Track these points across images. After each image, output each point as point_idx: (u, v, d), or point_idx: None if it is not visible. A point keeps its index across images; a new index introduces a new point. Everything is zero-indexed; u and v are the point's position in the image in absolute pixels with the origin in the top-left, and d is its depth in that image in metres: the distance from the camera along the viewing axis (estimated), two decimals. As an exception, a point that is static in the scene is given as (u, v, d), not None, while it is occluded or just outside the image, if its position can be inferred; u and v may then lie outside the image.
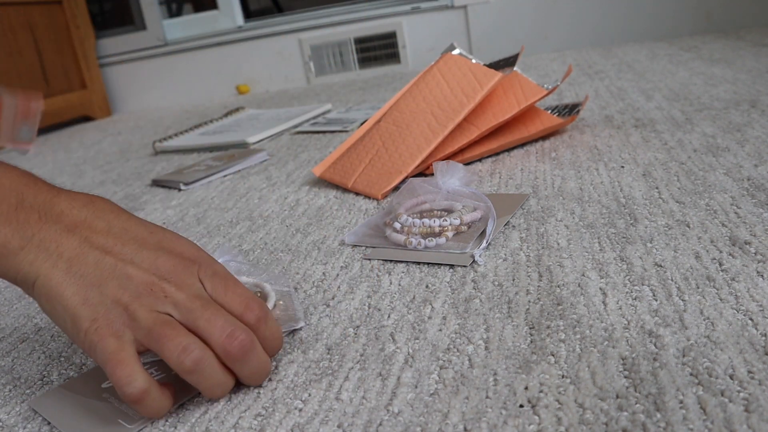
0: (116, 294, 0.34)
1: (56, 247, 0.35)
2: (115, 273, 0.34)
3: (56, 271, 0.34)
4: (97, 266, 0.35)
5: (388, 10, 1.88)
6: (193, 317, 0.34)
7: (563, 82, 0.84)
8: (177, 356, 0.33)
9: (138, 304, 0.34)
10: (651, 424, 0.28)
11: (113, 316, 0.33)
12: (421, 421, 0.31)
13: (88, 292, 0.34)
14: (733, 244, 0.43)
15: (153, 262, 0.35)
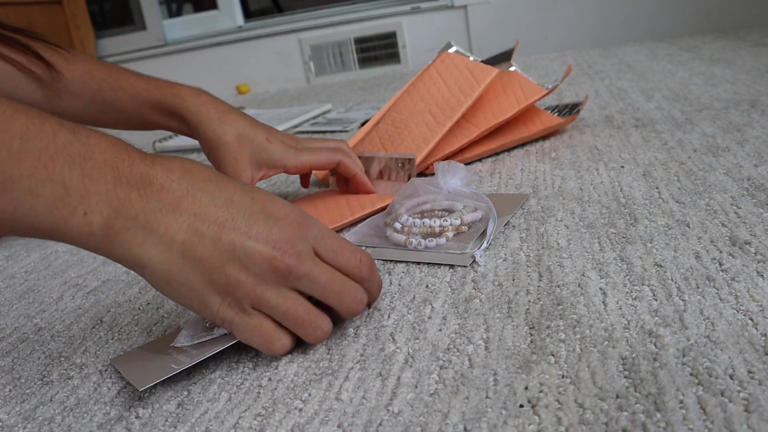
0: (239, 275, 0.34)
1: (165, 229, 0.34)
2: (234, 252, 0.34)
3: (171, 255, 0.34)
4: (214, 247, 0.34)
5: (388, 10, 1.88)
6: (319, 289, 0.36)
7: (563, 81, 0.84)
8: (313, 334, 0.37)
9: (264, 286, 0.35)
10: (651, 424, 0.28)
11: (241, 295, 0.35)
12: (421, 421, 0.31)
13: (212, 275, 0.34)
14: (733, 244, 0.43)
15: (268, 234, 0.35)
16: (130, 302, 0.51)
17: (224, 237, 0.34)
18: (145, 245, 0.33)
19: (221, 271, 0.34)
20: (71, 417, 0.36)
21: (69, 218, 0.32)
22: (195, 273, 0.34)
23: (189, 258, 0.34)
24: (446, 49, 0.81)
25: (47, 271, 0.61)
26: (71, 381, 0.40)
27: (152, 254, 0.33)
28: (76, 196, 0.31)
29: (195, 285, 0.34)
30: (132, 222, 0.33)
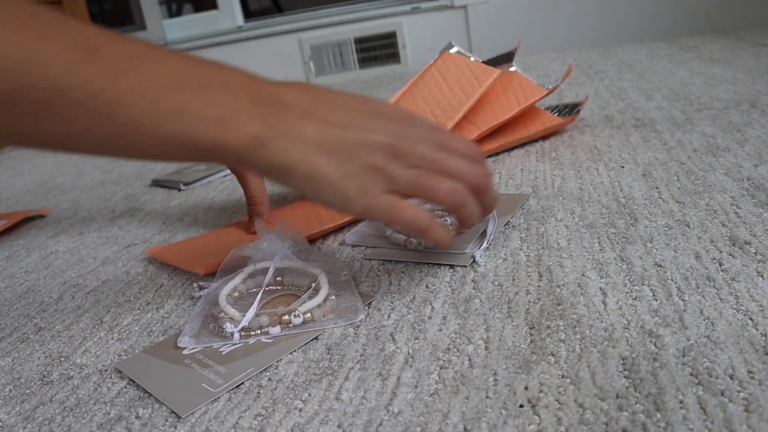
0: (370, 161, 0.38)
1: (300, 134, 0.37)
2: (361, 144, 0.38)
3: (310, 154, 0.37)
4: (342, 142, 0.38)
5: (388, 10, 1.88)
6: (441, 165, 0.40)
7: (563, 82, 0.84)
8: (448, 196, 0.40)
9: (393, 165, 0.39)
10: (651, 424, 0.28)
11: (375, 179, 0.38)
12: (421, 421, 0.31)
13: (346, 166, 0.38)
14: (733, 244, 0.43)
15: (385, 127, 0.40)
16: (130, 302, 0.51)
17: (348, 135, 0.39)
18: (287, 151, 0.37)
19: (352, 161, 0.38)
20: (71, 417, 0.36)
21: (227, 134, 0.36)
22: (332, 166, 0.38)
23: (324, 154, 0.38)
24: (447, 49, 0.81)
25: (47, 271, 0.61)
26: (71, 381, 0.40)
27: (294, 157, 0.37)
28: (230, 115, 0.36)
29: (333, 177, 0.38)
30: (274, 131, 0.37)
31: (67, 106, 0.32)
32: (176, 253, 0.57)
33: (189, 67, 0.36)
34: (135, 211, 0.78)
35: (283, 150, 0.37)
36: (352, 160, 0.38)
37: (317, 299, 0.42)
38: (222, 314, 0.43)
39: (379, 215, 0.39)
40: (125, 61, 0.34)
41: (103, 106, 0.33)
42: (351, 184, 0.38)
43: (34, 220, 0.82)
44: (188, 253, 0.57)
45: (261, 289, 0.44)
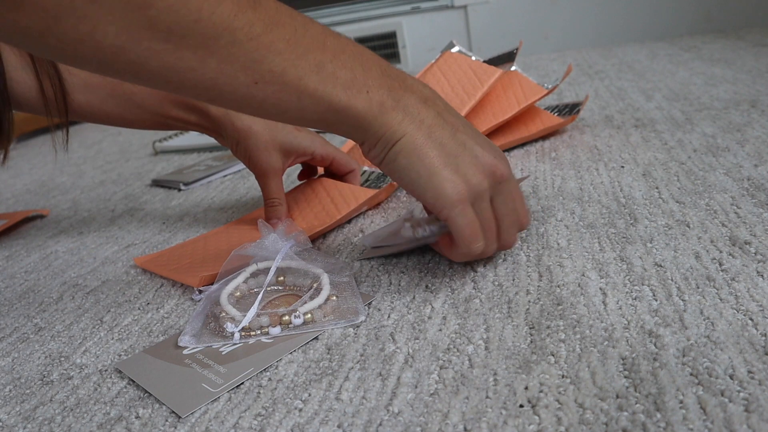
0: (470, 168, 0.40)
1: (418, 113, 0.40)
2: (467, 149, 0.41)
3: (420, 133, 0.40)
4: (453, 138, 0.41)
5: (388, 10, 1.88)
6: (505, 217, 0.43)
7: (563, 81, 0.84)
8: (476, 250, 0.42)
9: (484, 185, 0.41)
10: (651, 424, 0.28)
11: (470, 186, 0.40)
12: (421, 421, 0.31)
13: (448, 159, 0.40)
14: (733, 244, 0.43)
15: (489, 148, 0.42)
16: (130, 302, 0.51)
17: (459, 135, 0.41)
18: (403, 123, 0.40)
19: (455, 159, 0.40)
20: (71, 417, 0.36)
21: (357, 95, 0.39)
22: (435, 152, 0.40)
23: (432, 139, 0.40)
24: (449, 48, 0.81)
25: (47, 271, 0.61)
26: (71, 381, 0.40)
27: (408, 129, 0.40)
28: (361, 80, 0.39)
29: (433, 162, 0.40)
30: (397, 103, 0.40)
31: (230, 44, 0.35)
32: (165, 263, 0.56)
33: (327, 33, 0.39)
34: (135, 211, 0.78)
35: (399, 122, 0.40)
36: (455, 158, 0.40)
37: (318, 300, 0.42)
38: (223, 314, 0.43)
39: (459, 221, 0.40)
40: (280, 15, 0.37)
41: (258, 50, 0.35)
42: (447, 176, 0.40)
43: (34, 220, 0.82)
44: (177, 262, 0.56)
45: (262, 289, 0.44)
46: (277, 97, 0.38)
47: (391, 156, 0.41)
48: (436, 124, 0.41)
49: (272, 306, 0.44)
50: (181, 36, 0.33)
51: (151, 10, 0.32)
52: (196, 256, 0.56)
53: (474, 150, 0.41)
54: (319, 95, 0.38)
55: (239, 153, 0.60)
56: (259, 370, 0.38)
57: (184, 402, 0.36)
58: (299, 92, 0.38)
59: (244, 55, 0.35)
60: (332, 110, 0.39)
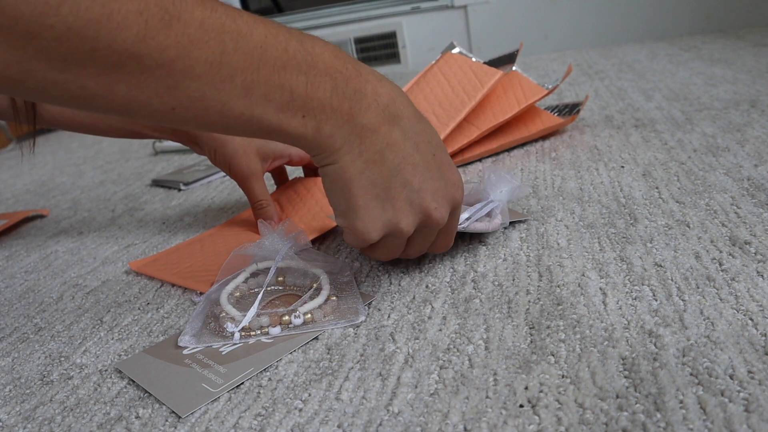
0: (398, 211, 0.40)
1: (360, 144, 0.38)
2: (405, 190, 0.40)
3: (357, 164, 0.38)
4: (393, 176, 0.39)
5: (388, 10, 1.88)
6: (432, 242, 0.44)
7: (563, 81, 0.84)
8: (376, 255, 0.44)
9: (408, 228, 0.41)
10: (651, 424, 0.28)
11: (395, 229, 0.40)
12: (421, 421, 0.31)
13: (371, 202, 0.39)
14: (733, 244, 0.43)
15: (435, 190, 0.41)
16: (130, 302, 0.51)
17: (403, 174, 0.39)
18: (341, 150, 0.38)
19: (381, 204, 0.39)
20: (71, 417, 0.36)
21: (290, 120, 0.36)
22: (360, 190, 0.39)
23: (369, 173, 0.38)
24: (449, 49, 0.81)
25: (47, 271, 0.61)
26: (71, 381, 0.40)
27: (344, 158, 0.38)
28: (299, 102, 0.36)
29: (354, 198, 0.39)
30: (338, 130, 0.37)
31: (138, 72, 0.31)
32: (163, 267, 0.56)
33: (271, 43, 0.34)
34: (135, 211, 0.78)
35: (337, 149, 0.38)
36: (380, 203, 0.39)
37: (318, 300, 0.42)
38: (223, 314, 0.43)
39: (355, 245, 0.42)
40: (203, 32, 0.32)
41: (172, 75, 0.32)
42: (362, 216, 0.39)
43: (34, 220, 0.82)
44: (177, 266, 0.55)
45: (262, 289, 0.44)
46: (200, 119, 0.35)
47: (322, 172, 0.39)
48: (375, 161, 0.38)
49: (272, 306, 0.44)
50: (79, 66, 0.30)
51: (39, 40, 0.28)
52: (196, 259, 0.56)
53: (414, 193, 0.40)
54: (246, 118, 0.35)
55: (218, 161, 0.59)
56: (259, 370, 0.38)
57: (184, 402, 0.36)
58: (223, 116, 0.35)
59: (155, 82, 0.32)
60: (263, 130, 0.36)
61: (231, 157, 0.58)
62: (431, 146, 0.41)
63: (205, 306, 0.45)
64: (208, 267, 0.53)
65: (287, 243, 0.47)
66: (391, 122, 0.39)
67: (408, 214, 0.40)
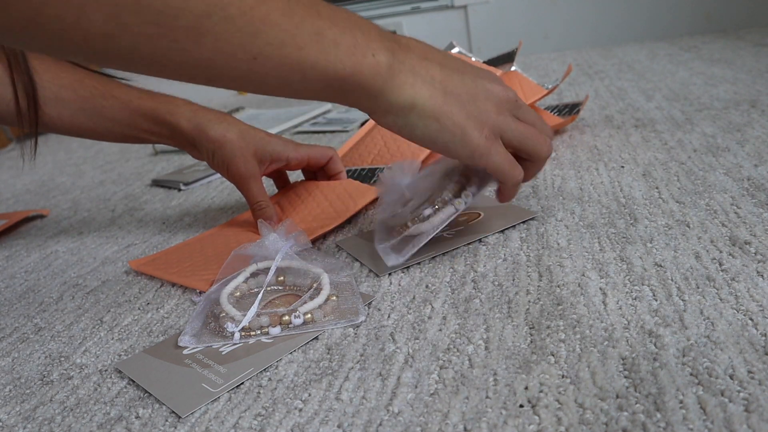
0: (486, 105, 0.41)
1: (426, 71, 0.40)
2: (477, 88, 0.41)
3: (437, 91, 0.40)
4: (463, 85, 0.41)
5: (388, 10, 1.88)
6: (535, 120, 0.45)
7: (563, 81, 0.84)
8: (546, 149, 0.44)
9: (504, 113, 0.42)
10: (651, 424, 0.28)
11: (492, 125, 0.41)
12: (421, 421, 0.31)
13: (468, 107, 0.41)
14: (733, 244, 0.43)
15: (491, 80, 0.43)
16: (130, 302, 0.51)
17: (466, 79, 0.42)
18: (415, 86, 0.39)
19: (473, 103, 0.41)
20: (71, 417, 0.36)
21: (363, 60, 0.38)
22: (456, 106, 0.40)
23: (449, 93, 0.40)
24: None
25: (47, 271, 0.61)
26: (71, 381, 0.40)
27: (422, 92, 0.39)
28: (363, 44, 0.38)
29: (457, 117, 0.40)
30: (403, 65, 0.39)
31: (223, 20, 0.33)
32: (162, 267, 0.56)
33: (323, 6, 0.37)
34: (135, 211, 0.78)
35: (411, 85, 0.39)
36: (472, 103, 0.41)
37: (318, 300, 0.42)
38: (223, 314, 0.43)
39: (497, 162, 0.42)
40: None
41: (253, 23, 0.34)
42: (474, 125, 0.40)
43: (34, 220, 0.82)
44: (177, 266, 0.55)
45: (262, 289, 0.44)
46: (279, 70, 0.36)
47: (414, 122, 0.40)
48: (445, 77, 0.40)
49: (272, 306, 0.44)
50: (171, 18, 0.32)
51: None
52: (196, 259, 0.56)
53: (484, 88, 0.42)
54: (323, 64, 0.37)
55: (216, 163, 0.60)
56: (259, 370, 0.38)
57: (184, 402, 0.36)
58: (301, 64, 0.36)
59: (239, 30, 0.34)
60: (338, 78, 0.37)
61: (229, 159, 0.59)
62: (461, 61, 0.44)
63: (205, 306, 0.45)
64: (208, 266, 0.53)
65: (287, 243, 0.47)
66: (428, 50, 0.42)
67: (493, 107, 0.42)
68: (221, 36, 0.34)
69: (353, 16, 0.39)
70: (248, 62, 0.35)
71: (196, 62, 0.35)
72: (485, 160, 0.42)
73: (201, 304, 0.45)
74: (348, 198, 0.61)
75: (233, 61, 0.35)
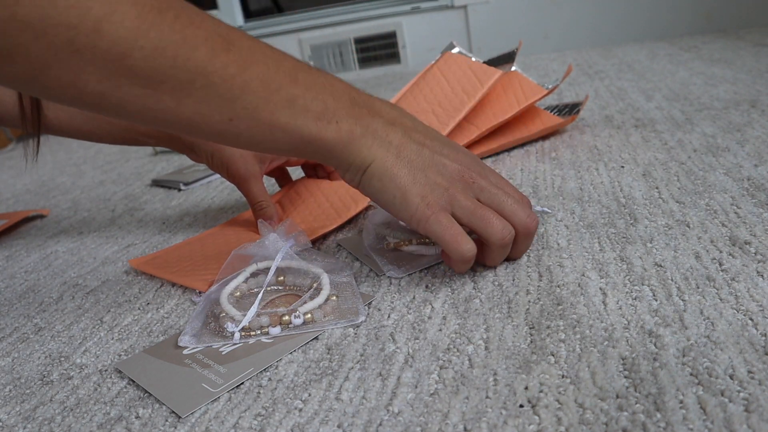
0: (437, 178, 0.43)
1: (386, 135, 0.43)
2: (433, 161, 0.43)
3: (389, 155, 0.42)
4: (418, 155, 0.43)
5: (388, 10, 1.88)
6: (498, 201, 0.44)
7: (563, 81, 0.84)
8: (500, 234, 0.42)
9: (455, 189, 0.43)
10: (651, 424, 0.28)
11: (437, 195, 0.42)
12: (421, 421, 0.31)
13: (416, 174, 0.42)
14: (733, 244, 0.43)
15: (456, 156, 0.44)
16: (130, 302, 0.51)
17: (425, 150, 0.43)
18: (372, 147, 0.42)
19: (423, 173, 0.42)
20: (71, 417, 0.36)
21: (327, 127, 0.41)
22: (404, 170, 0.42)
23: (401, 158, 0.42)
24: (449, 49, 0.81)
25: (47, 271, 0.61)
26: (71, 381, 0.40)
27: (377, 153, 0.42)
28: (331, 111, 0.41)
29: (402, 180, 0.42)
30: (365, 130, 0.42)
31: (205, 86, 0.37)
32: (162, 265, 0.56)
33: (299, 68, 0.41)
34: (135, 211, 0.78)
35: (368, 147, 0.42)
36: (422, 172, 0.42)
37: (318, 300, 0.42)
38: (223, 314, 0.43)
39: (436, 231, 0.42)
40: (253, 54, 0.38)
41: (232, 90, 0.37)
42: (417, 191, 0.42)
43: (34, 220, 0.82)
44: (177, 265, 0.55)
45: (262, 288, 0.44)
46: (251, 131, 0.40)
47: (365, 180, 0.42)
48: (403, 144, 0.43)
49: (272, 306, 0.44)
50: (158, 82, 0.36)
51: (130, 59, 0.34)
52: (196, 258, 0.56)
53: (440, 161, 0.43)
54: (291, 128, 0.40)
55: (215, 165, 0.60)
56: (259, 370, 0.38)
57: (184, 402, 0.36)
58: (272, 127, 0.39)
59: (218, 96, 0.37)
60: (304, 141, 0.41)
61: (228, 160, 0.59)
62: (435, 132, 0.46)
63: (205, 306, 0.45)
64: (208, 265, 0.53)
65: (287, 243, 0.47)
66: (401, 117, 0.45)
67: (444, 179, 0.43)
68: (201, 100, 0.37)
69: (330, 81, 0.42)
70: (224, 123, 0.39)
71: (176, 119, 0.38)
72: (423, 227, 0.42)
73: (201, 304, 0.45)
74: (349, 198, 0.61)
75: (210, 121, 0.38)
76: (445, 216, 0.42)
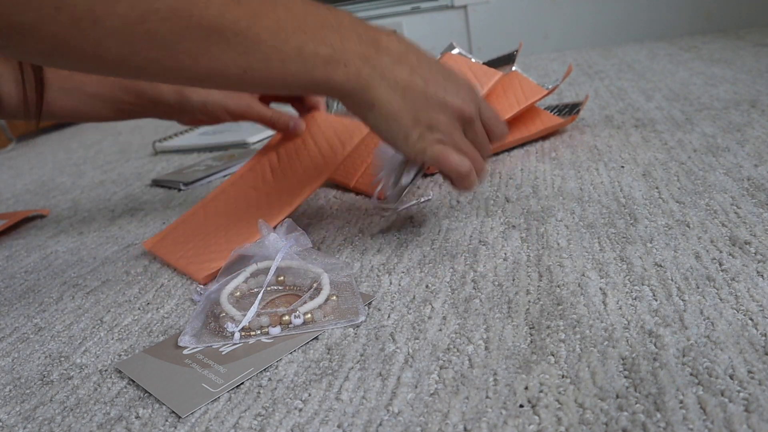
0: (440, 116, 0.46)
1: (394, 76, 0.44)
2: (437, 101, 0.45)
3: (396, 95, 0.44)
4: (424, 94, 0.45)
5: (388, 10, 1.88)
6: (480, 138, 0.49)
7: (563, 81, 0.84)
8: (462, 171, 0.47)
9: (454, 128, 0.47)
10: (651, 424, 0.28)
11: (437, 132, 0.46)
12: (421, 421, 0.31)
13: (419, 114, 0.45)
14: (733, 244, 0.43)
15: (458, 91, 0.47)
16: (130, 302, 0.51)
17: (430, 89, 0.45)
18: (379, 88, 0.44)
19: (426, 112, 0.45)
20: (71, 417, 0.36)
21: (335, 70, 0.43)
22: (408, 111, 0.45)
23: (407, 98, 0.45)
24: (449, 50, 0.81)
25: (47, 271, 0.61)
26: (71, 381, 0.40)
27: (383, 94, 0.44)
28: (339, 54, 0.42)
29: (405, 120, 0.45)
30: (373, 70, 0.44)
31: (219, 42, 0.38)
32: (171, 246, 0.58)
33: (308, 11, 0.42)
34: (135, 211, 0.78)
35: (375, 88, 0.44)
36: (425, 111, 0.45)
37: (318, 300, 0.42)
38: (223, 314, 0.43)
39: (430, 158, 0.46)
40: (262, 5, 0.40)
41: (245, 43, 0.39)
42: (416, 131, 0.45)
43: (34, 220, 0.82)
44: (183, 246, 0.57)
45: (262, 288, 0.44)
46: (266, 80, 0.42)
47: (371, 117, 0.45)
48: (410, 83, 0.45)
49: (272, 306, 0.44)
50: (175, 42, 0.37)
51: (147, 24, 0.36)
52: (198, 240, 0.58)
53: (444, 99, 0.46)
54: (301, 74, 0.42)
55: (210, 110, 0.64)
56: (259, 370, 0.38)
57: (184, 402, 0.36)
58: (284, 74, 0.42)
59: (232, 50, 0.39)
60: (314, 84, 0.43)
61: (224, 99, 0.63)
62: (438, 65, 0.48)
63: (205, 306, 0.45)
64: (209, 247, 0.55)
65: (287, 243, 0.47)
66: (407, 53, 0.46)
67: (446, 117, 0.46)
68: (216, 56, 0.39)
69: (339, 19, 0.43)
70: (239, 75, 0.41)
71: (194, 75, 0.40)
72: (421, 158, 0.46)
73: (201, 303, 0.45)
74: (336, 141, 0.62)
75: (227, 74, 0.40)
76: (438, 145, 0.46)
